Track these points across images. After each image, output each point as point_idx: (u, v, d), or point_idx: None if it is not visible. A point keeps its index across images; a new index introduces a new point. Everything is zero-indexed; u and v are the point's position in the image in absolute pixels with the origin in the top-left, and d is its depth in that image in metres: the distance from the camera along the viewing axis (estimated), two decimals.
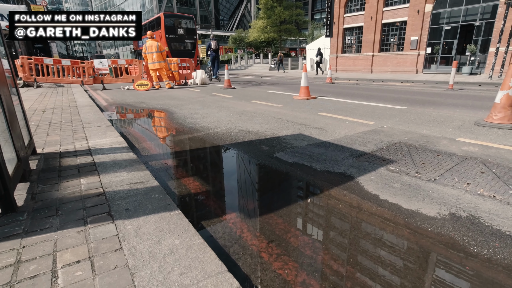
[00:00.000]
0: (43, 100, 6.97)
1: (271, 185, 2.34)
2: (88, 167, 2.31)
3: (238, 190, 2.31)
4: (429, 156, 2.80)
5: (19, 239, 1.35)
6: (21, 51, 17.28)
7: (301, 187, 2.29)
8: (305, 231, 1.66)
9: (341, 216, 1.80)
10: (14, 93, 2.36)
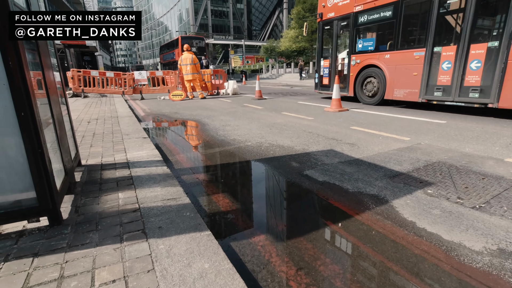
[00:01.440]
0: (88, 110, 7.52)
1: (301, 205, 2.31)
2: (125, 181, 2.44)
3: (267, 209, 2.30)
4: (473, 178, 2.60)
5: (63, 253, 1.46)
6: (72, 63, 18.93)
7: (332, 209, 2.23)
8: (335, 259, 1.61)
9: (374, 245, 1.72)
10: (63, 103, 2.59)
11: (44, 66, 1.96)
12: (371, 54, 7.77)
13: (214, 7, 61.61)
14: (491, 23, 5.71)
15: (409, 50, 6.78)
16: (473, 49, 5.64)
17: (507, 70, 5.10)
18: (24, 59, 1.43)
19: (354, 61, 8.25)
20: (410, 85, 6.81)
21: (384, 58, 7.35)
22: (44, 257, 1.42)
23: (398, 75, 7.07)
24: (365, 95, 8.15)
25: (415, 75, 6.65)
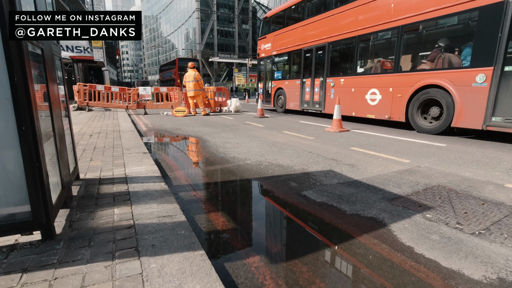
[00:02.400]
0: (91, 123, 7.61)
1: (297, 227, 2.28)
2: (122, 196, 2.43)
3: (263, 229, 2.27)
4: (472, 204, 2.57)
5: (52, 269, 1.43)
6: (79, 77, 19.33)
7: (329, 231, 2.19)
8: (330, 284, 1.57)
9: (371, 270, 1.68)
10: (66, 116, 2.62)
11: (49, 80, 2.01)
12: (280, 81, 12.44)
13: (220, 27, 63.48)
14: (321, 68, 10.04)
15: (294, 79, 11.43)
16: (316, 81, 10.29)
17: (326, 93, 9.82)
18: (29, 74, 1.47)
19: (273, 85, 12.92)
20: (295, 100, 11.39)
21: (285, 84, 12.08)
22: (33, 273, 1.40)
23: (291, 94, 11.71)
24: (278, 106, 12.82)
25: (297, 94, 11.25)
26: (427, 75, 6.66)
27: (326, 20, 9.53)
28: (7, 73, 1.39)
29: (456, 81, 6.07)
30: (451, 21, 6.26)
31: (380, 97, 7.80)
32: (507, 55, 5.19)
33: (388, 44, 7.75)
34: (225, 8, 64.76)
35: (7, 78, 1.39)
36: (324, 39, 9.66)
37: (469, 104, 5.85)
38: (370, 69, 8.36)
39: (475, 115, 5.77)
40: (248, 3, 67.51)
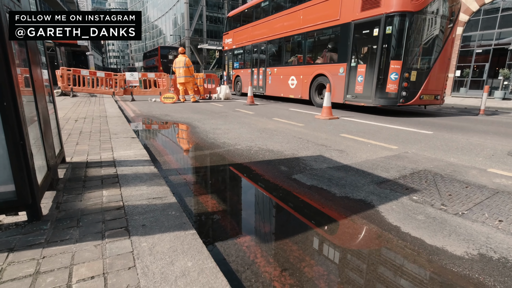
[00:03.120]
0: (76, 109, 7.39)
1: (288, 209, 2.30)
2: (111, 179, 2.39)
3: (253, 211, 2.29)
4: (457, 187, 2.65)
5: (40, 248, 1.40)
6: (62, 62, 18.61)
7: (319, 213, 2.23)
8: (320, 261, 1.60)
9: (359, 248, 1.73)
10: (50, 101, 2.53)
11: (31, 62, 1.92)
12: (238, 70, 15.25)
13: (209, 13, 61.98)
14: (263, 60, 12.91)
15: (247, 69, 14.18)
16: (260, 70, 13.13)
17: (266, 80, 12.56)
18: (9, 47, 1.39)
19: (233, 73, 15.72)
20: (248, 85, 11.54)
21: (241, 72, 14.85)
22: (20, 252, 1.37)
23: (245, 80, 14.39)
24: (237, 90, 15.47)
25: (249, 80, 13.46)
26: (319, 67, 9.73)
27: (266, 24, 12.45)
28: None
29: (331, 71, 9.17)
30: (330, 32, 9.34)
31: (296, 82, 10.91)
32: (352, 55, 8.37)
33: (300, 44, 10.83)
34: None
35: None
36: (264, 38, 12.58)
37: (337, 87, 8.92)
38: (291, 62, 11.34)
39: (340, 94, 8.86)
40: None
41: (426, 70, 7.75)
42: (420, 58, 7.70)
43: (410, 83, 7.46)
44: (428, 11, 7.31)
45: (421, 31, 7.41)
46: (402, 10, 7.07)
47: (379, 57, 7.54)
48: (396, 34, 7.24)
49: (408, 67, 7.39)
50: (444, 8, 7.65)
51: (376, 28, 7.54)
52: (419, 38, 7.47)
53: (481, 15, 15.61)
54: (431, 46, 7.80)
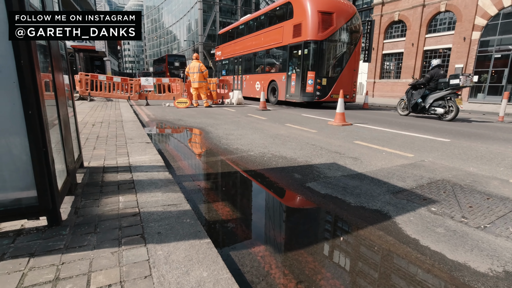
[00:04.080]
0: (94, 113, 7.58)
1: (302, 218, 2.27)
2: (127, 185, 2.43)
3: (267, 220, 2.27)
4: (477, 198, 2.56)
5: (59, 254, 1.43)
6: (80, 67, 19.21)
7: (333, 223, 2.19)
8: (336, 274, 1.57)
9: (376, 261, 1.69)
10: (70, 105, 2.60)
11: (54, 68, 1.98)
12: (225, 76, 18.23)
13: (222, 19, 62.79)
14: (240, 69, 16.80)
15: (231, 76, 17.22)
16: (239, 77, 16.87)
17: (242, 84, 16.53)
18: (36, 59, 1.45)
19: None
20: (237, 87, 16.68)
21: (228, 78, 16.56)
22: (40, 258, 1.40)
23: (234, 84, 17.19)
24: None
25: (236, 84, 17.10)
26: (272, 75, 13.60)
27: (242, 42, 16.37)
28: (13, 56, 1.37)
29: (278, 78, 13.02)
30: (277, 50, 13.26)
31: (259, 86, 14.62)
32: (288, 67, 12.10)
33: (262, 58, 14.78)
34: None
35: (14, 61, 1.37)
36: (241, 52, 16.40)
37: (281, 89, 12.74)
38: (257, 71, 15.18)
39: (283, 94, 12.65)
40: None
41: (334, 78, 11.48)
42: (329, 69, 11.48)
43: (322, 86, 11.19)
44: (332, 39, 11.14)
45: (328, 52, 11.20)
46: (313, 39, 10.86)
47: (302, 69, 11.39)
48: (311, 54, 11.02)
49: (320, 76, 11.11)
50: (345, 36, 11.55)
51: (300, 50, 11.39)
52: (327, 56, 11.24)
53: (500, 19, 15.18)
54: (337, 62, 11.69)
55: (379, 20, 20.59)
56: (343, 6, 11.39)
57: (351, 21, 11.54)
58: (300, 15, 11.22)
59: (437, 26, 17.98)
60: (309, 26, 10.80)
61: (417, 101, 8.62)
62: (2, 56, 1.37)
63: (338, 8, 11.15)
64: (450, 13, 17.18)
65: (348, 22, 11.47)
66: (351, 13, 11.59)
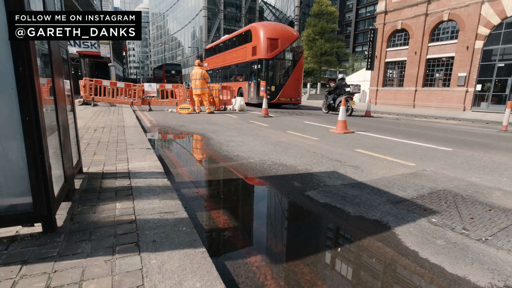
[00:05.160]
0: (96, 118, 7.63)
1: (300, 227, 2.25)
2: (125, 191, 2.42)
3: (265, 229, 2.25)
4: (479, 209, 2.52)
5: (52, 262, 1.42)
6: (85, 72, 19.43)
7: (332, 233, 2.16)
8: (332, 286, 1.54)
9: (374, 273, 1.65)
10: (70, 110, 2.61)
11: (54, 74, 2.00)
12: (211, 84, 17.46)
13: (227, 26, 63.48)
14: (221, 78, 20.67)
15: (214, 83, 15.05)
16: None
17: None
18: (35, 66, 1.46)
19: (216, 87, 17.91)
20: None
21: None
22: (32, 265, 1.39)
23: None
24: None
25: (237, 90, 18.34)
26: (240, 83, 16.87)
27: (221, 56, 20.12)
28: (12, 63, 1.38)
29: (244, 86, 16.58)
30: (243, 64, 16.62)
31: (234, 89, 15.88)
32: (250, 77, 15.88)
33: (234, 70, 18.48)
34: (232, 7, 64.74)
35: (12, 67, 1.38)
36: (221, 64, 20.25)
37: (246, 94, 16.24)
38: (232, 80, 18.48)
39: (246, 97, 16.05)
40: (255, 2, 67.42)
41: (281, 85, 15.21)
42: (276, 79, 15.23)
43: (271, 92, 14.87)
44: (278, 57, 15.02)
45: (275, 67, 15.21)
46: (264, 58, 14.71)
47: (257, 79, 15.09)
48: (263, 68, 14.85)
49: (270, 84, 14.90)
50: (289, 55, 15.43)
51: (256, 65, 15.17)
52: (275, 70, 15.23)
53: (503, 29, 15.19)
54: (283, 73, 15.47)
55: (382, 28, 20.67)
56: (287, 33, 15.39)
57: (293, 43, 15.38)
58: (256, 40, 15.21)
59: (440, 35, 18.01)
60: (261, 48, 14.72)
61: (330, 102, 12.56)
62: (1, 62, 1.38)
63: (283, 35, 15.11)
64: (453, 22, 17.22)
65: (291, 44, 15.28)
66: (294, 38, 15.40)
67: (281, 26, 16.16)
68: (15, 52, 1.37)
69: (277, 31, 15.14)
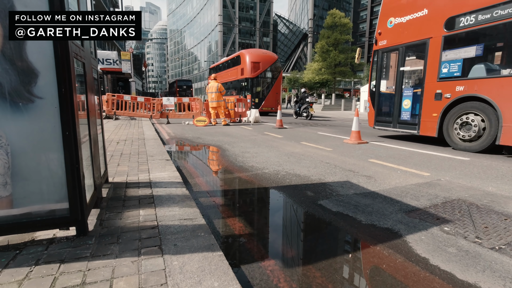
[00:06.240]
0: (118, 131, 8.02)
1: (312, 234, 2.33)
2: (147, 199, 2.60)
3: (278, 236, 2.34)
4: (494, 219, 2.51)
5: (86, 261, 1.58)
6: (107, 88, 20.39)
7: (343, 240, 2.23)
8: None
9: (383, 279, 1.71)
10: (98, 124, 2.85)
11: (88, 91, 2.23)
12: None
13: (241, 40, 64.98)
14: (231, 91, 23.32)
15: None
16: None
17: None
18: (74, 88, 1.67)
19: None
20: None
21: None
22: (69, 264, 1.55)
23: None
24: None
25: None
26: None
27: (221, 74, 22.89)
28: (56, 85, 1.59)
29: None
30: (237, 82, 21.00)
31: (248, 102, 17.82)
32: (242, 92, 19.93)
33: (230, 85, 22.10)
34: (247, 21, 66.37)
35: (56, 89, 1.59)
36: (226, 80, 22.18)
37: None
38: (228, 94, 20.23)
39: None
40: (269, 16, 68.85)
41: (263, 98, 19.33)
42: (259, 93, 19.28)
43: (255, 103, 18.60)
44: (260, 76, 19.31)
45: (258, 84, 19.37)
46: (249, 77, 18.94)
47: (245, 93, 18.79)
48: (249, 85, 19.09)
49: (254, 97, 18.70)
50: (269, 74, 19.74)
51: (243, 82, 19.54)
52: (257, 85, 19.36)
53: None
54: (265, 88, 19.65)
55: None
56: (267, 57, 19.84)
57: (272, 65, 19.75)
58: (243, 63, 19.56)
59: None
60: (247, 70, 19.05)
61: (297, 110, 16.48)
62: (47, 84, 1.60)
63: (264, 58, 19.54)
64: None
65: (271, 66, 19.65)
66: (272, 60, 19.88)
67: (263, 52, 21.04)
68: (59, 76, 1.58)
69: (259, 56, 19.71)
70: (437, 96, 6.28)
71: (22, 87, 1.56)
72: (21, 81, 1.55)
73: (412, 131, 6.92)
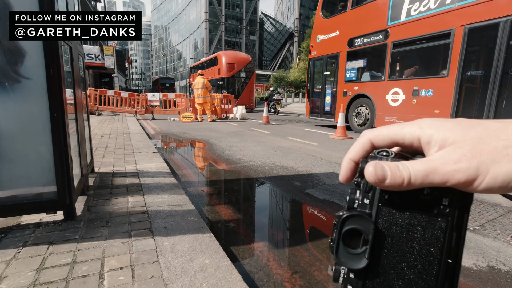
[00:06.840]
0: (102, 126, 7.84)
1: (300, 219, 2.39)
2: (135, 187, 2.59)
3: (267, 221, 2.39)
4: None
5: (75, 243, 1.58)
6: (89, 83, 19.85)
7: (329, 224, 2.30)
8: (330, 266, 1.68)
9: None
10: (85, 119, 2.81)
11: (75, 86, 2.20)
12: None
13: (228, 38, 64.66)
14: None
15: None
16: None
17: None
18: (62, 71, 1.65)
19: None
20: None
21: None
22: (58, 245, 1.54)
23: None
24: None
25: None
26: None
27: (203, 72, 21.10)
28: (44, 67, 1.57)
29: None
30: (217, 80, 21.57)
31: None
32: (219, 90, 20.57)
33: None
34: (233, 19, 66.11)
35: (44, 70, 1.57)
36: None
37: None
38: None
39: None
40: (255, 15, 68.84)
41: (238, 95, 19.78)
42: (235, 91, 20.14)
43: None
44: (235, 76, 20.95)
45: (233, 83, 20.97)
46: (225, 77, 20.65)
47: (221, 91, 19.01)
48: (225, 83, 20.79)
49: None
50: (243, 74, 21.24)
51: (220, 81, 21.09)
52: (233, 84, 20.92)
53: None
54: (239, 86, 21.07)
55: None
56: (242, 59, 21.46)
57: (246, 66, 21.28)
58: (220, 64, 21.14)
59: None
60: (223, 70, 20.68)
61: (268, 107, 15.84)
62: (34, 66, 1.57)
63: (238, 60, 21.19)
64: None
65: (245, 67, 21.19)
66: (246, 62, 21.43)
67: (237, 54, 22.78)
68: (47, 56, 1.56)
69: (234, 58, 21.31)
70: (344, 94, 8.80)
71: (9, 67, 1.53)
72: (8, 61, 1.52)
73: (331, 119, 9.37)
